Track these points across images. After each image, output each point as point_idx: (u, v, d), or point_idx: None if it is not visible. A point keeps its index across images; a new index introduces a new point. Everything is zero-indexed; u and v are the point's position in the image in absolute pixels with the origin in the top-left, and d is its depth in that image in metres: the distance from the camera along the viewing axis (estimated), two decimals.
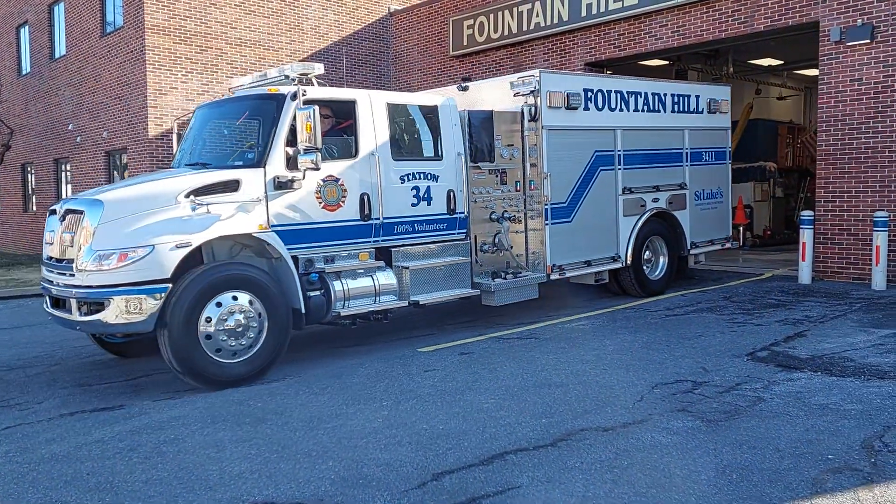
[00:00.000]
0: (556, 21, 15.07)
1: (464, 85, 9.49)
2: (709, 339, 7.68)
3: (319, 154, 6.76)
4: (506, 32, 16.08)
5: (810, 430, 4.92)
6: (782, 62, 17.53)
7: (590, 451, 4.67)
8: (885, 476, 4.15)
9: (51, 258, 6.88)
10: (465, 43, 17.04)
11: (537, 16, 15.37)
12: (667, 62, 16.02)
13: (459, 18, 17.12)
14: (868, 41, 10.78)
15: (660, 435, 4.93)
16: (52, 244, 6.85)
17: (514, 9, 15.82)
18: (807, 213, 11.36)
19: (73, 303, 6.41)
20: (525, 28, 15.67)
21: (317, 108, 6.72)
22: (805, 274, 11.22)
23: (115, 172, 18.46)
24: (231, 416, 5.69)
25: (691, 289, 10.98)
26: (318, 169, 6.88)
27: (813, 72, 18.05)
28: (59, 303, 6.74)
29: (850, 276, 11.17)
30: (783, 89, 20.44)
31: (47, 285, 6.88)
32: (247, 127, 7.63)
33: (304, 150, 6.71)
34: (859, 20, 10.89)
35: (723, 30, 12.63)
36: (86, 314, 6.35)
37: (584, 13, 14.53)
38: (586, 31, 14.67)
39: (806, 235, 11.19)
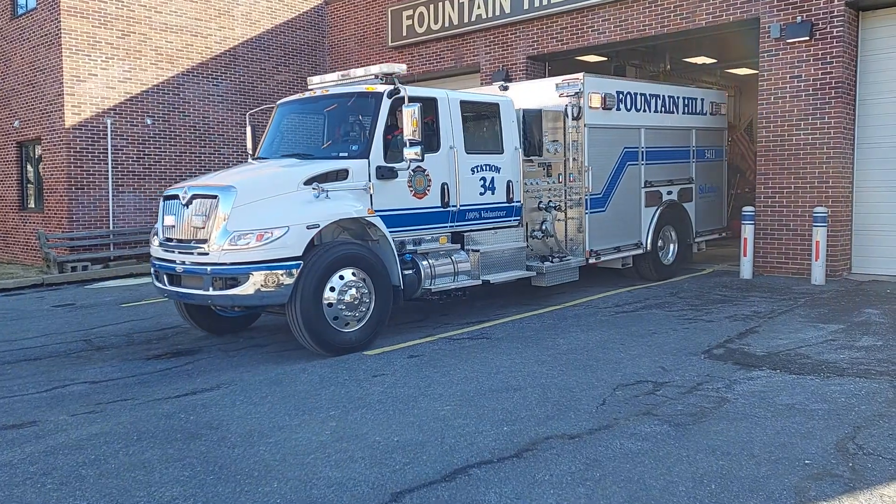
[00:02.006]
0: (497, 13, 14.80)
1: (504, 85, 10.49)
2: (663, 337, 7.52)
3: (422, 147, 7.45)
4: (446, 24, 15.72)
5: (781, 433, 4.74)
6: (716, 61, 17.78)
7: (558, 462, 4.36)
8: (866, 482, 3.98)
9: (171, 239, 7.34)
10: (404, 34, 16.59)
11: (479, 7, 15.06)
12: (605, 58, 15.97)
13: (398, 9, 16.65)
14: (807, 38, 10.88)
15: (629, 442, 4.66)
16: (174, 226, 7.31)
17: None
18: (748, 209, 11.44)
19: (207, 279, 6.87)
20: (466, 20, 15.34)
21: (419, 105, 7.36)
22: (747, 269, 11.28)
23: (29, 165, 17.22)
24: (160, 432, 5.13)
25: (636, 285, 10.89)
26: (421, 160, 7.65)
27: (743, 71, 18.40)
28: (174, 280, 7.23)
29: (789, 271, 11.30)
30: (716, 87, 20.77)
31: (167, 264, 7.35)
32: (342, 121, 8.29)
33: (410, 142, 7.38)
34: (798, 17, 11.00)
35: (665, 25, 12.60)
36: (220, 289, 6.86)
37: (526, 6, 14.30)
38: (529, 24, 14.45)
39: (747, 231, 11.26)
